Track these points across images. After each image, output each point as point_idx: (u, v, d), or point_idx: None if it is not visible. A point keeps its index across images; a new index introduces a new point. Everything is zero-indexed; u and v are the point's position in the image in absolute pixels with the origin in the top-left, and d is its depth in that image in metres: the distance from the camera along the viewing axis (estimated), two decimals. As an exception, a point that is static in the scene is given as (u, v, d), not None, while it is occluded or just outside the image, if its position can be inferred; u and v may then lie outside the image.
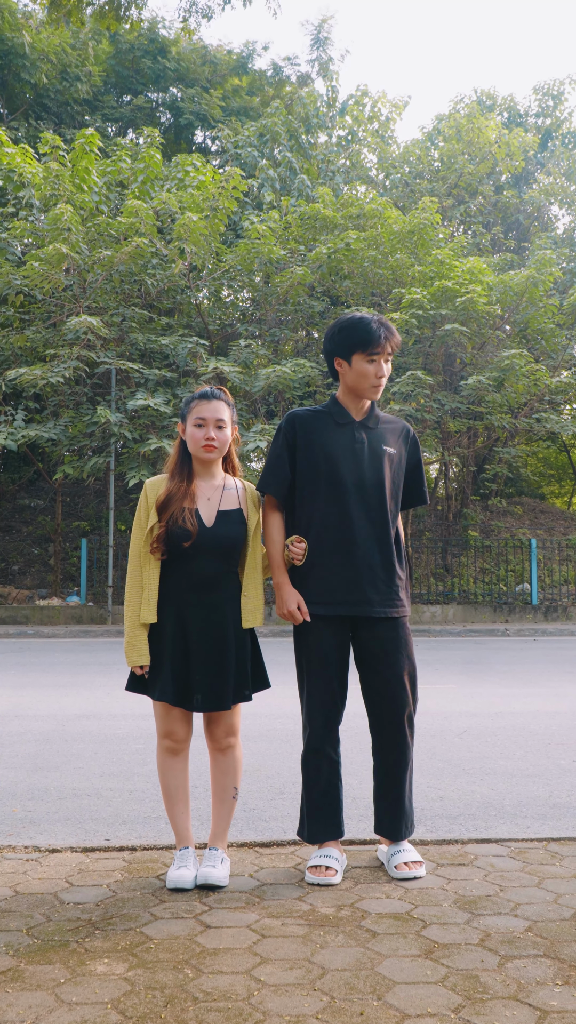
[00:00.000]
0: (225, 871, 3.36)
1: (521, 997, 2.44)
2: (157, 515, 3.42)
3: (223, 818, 3.51)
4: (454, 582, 19.95)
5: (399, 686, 3.53)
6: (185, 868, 3.35)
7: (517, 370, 17.72)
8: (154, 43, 27.32)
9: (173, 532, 3.38)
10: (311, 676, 3.55)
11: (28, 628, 15.99)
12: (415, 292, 17.48)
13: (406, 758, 3.55)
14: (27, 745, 6.14)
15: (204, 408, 3.49)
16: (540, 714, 7.41)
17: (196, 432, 3.48)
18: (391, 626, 3.58)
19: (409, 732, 3.55)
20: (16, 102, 25.06)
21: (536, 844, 3.84)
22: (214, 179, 18.58)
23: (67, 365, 15.77)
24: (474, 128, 25.45)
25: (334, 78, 28.33)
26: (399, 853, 3.47)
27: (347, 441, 3.59)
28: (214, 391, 3.53)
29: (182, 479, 3.50)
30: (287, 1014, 2.34)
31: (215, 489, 3.54)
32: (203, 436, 3.47)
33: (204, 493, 3.51)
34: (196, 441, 3.48)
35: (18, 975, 2.58)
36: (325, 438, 3.59)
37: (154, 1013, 2.34)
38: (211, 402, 3.50)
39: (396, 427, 3.71)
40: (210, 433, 3.47)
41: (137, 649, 3.42)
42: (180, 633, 3.42)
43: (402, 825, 3.54)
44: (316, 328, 20.45)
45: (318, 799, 3.54)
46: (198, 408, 3.49)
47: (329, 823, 3.54)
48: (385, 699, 3.53)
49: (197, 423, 3.48)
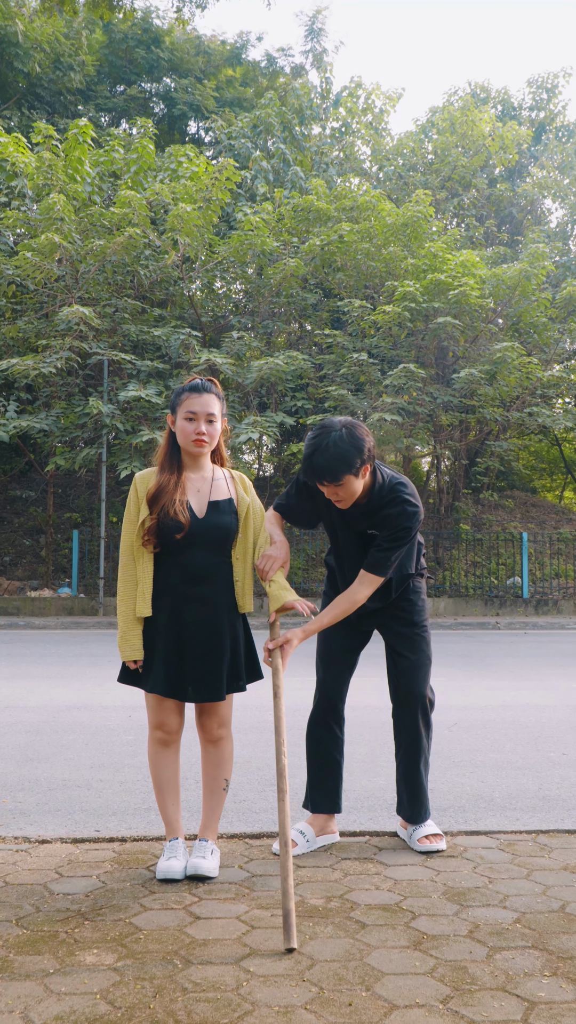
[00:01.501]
0: (215, 862, 3.36)
1: (509, 988, 2.45)
2: (148, 508, 3.39)
3: (213, 809, 3.50)
4: (445, 575, 19.97)
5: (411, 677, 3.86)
6: (175, 859, 3.35)
7: (509, 363, 17.73)
8: (148, 33, 27.20)
9: (165, 524, 3.36)
10: (324, 655, 3.87)
11: (19, 619, 15.97)
12: (408, 285, 17.46)
13: (421, 746, 3.82)
14: (17, 736, 6.14)
15: (195, 402, 3.44)
16: (530, 707, 7.43)
17: (187, 426, 3.44)
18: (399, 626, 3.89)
19: (425, 724, 3.86)
20: (9, 91, 24.93)
21: (525, 836, 3.86)
22: (207, 170, 18.52)
23: (59, 356, 15.72)
24: (468, 121, 25.41)
25: (328, 69, 28.25)
26: (420, 827, 3.71)
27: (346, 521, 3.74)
28: (205, 384, 3.47)
29: (172, 471, 3.47)
30: (276, 1005, 2.34)
31: (204, 480, 3.51)
32: (194, 431, 3.43)
33: (194, 484, 3.49)
34: (187, 435, 3.44)
35: (7, 965, 2.58)
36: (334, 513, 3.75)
37: (143, 1003, 2.34)
38: (202, 395, 3.44)
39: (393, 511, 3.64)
40: (201, 427, 3.42)
41: (131, 644, 3.41)
42: (174, 624, 3.41)
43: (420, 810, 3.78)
44: (309, 320, 20.44)
45: (316, 771, 3.82)
46: (188, 401, 3.45)
47: (325, 793, 3.80)
48: (400, 687, 3.86)
49: (188, 417, 3.44)
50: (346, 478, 3.43)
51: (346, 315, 18.88)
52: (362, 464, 3.45)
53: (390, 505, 3.60)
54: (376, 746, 5.80)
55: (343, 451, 3.39)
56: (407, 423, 17.53)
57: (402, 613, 3.83)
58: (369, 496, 3.62)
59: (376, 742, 5.91)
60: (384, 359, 18.71)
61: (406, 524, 3.59)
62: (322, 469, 3.42)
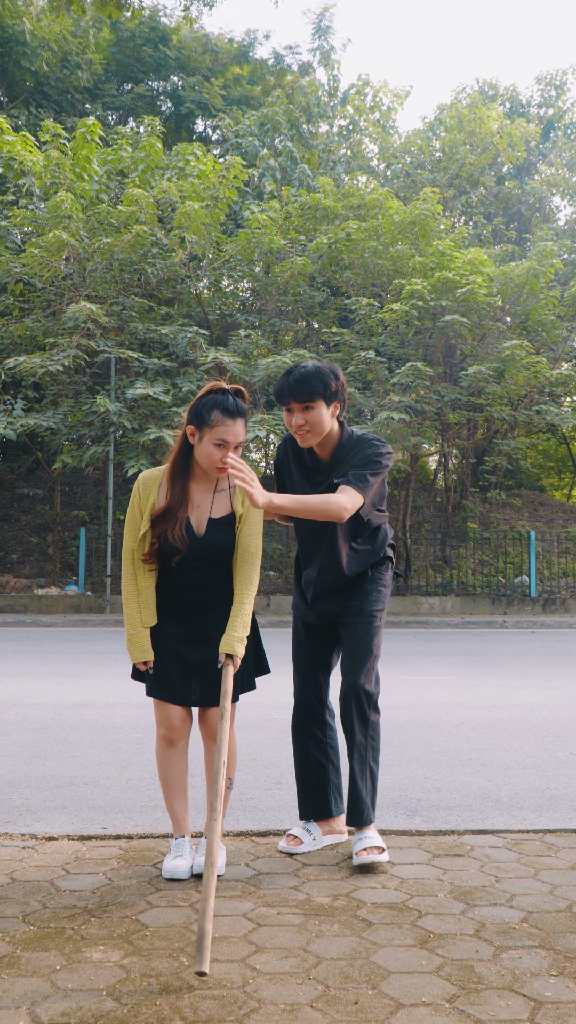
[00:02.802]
0: (221, 859, 3.33)
1: (516, 988, 2.45)
2: (151, 523, 3.34)
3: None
4: (453, 574, 19.96)
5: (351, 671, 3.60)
6: (181, 858, 3.33)
7: (517, 361, 17.69)
8: (155, 31, 27.21)
9: (162, 548, 3.34)
10: (297, 660, 3.80)
11: (26, 617, 16.00)
12: (415, 283, 17.44)
13: (353, 743, 3.55)
14: (25, 733, 6.15)
15: (228, 431, 3.27)
16: (537, 706, 7.42)
17: (214, 452, 3.29)
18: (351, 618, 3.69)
19: (360, 719, 3.56)
20: (17, 90, 24.97)
21: (532, 835, 3.85)
22: (215, 168, 18.52)
23: (66, 354, 15.74)
24: (476, 118, 25.37)
25: (335, 67, 28.23)
26: (360, 840, 3.46)
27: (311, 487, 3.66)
28: (239, 407, 3.31)
29: (182, 485, 3.37)
30: (282, 1002, 2.34)
31: (207, 493, 3.41)
32: (221, 458, 3.28)
33: (196, 498, 3.40)
34: (212, 460, 3.30)
35: (14, 961, 2.58)
36: (297, 477, 3.71)
37: (149, 1000, 2.34)
38: (236, 423, 3.29)
39: (359, 447, 3.61)
40: (228, 455, 3.28)
41: (139, 646, 3.38)
42: (178, 630, 3.40)
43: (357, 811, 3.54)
44: (316, 318, 20.43)
45: (303, 779, 3.74)
46: (222, 429, 3.27)
47: (314, 801, 3.71)
48: (342, 678, 3.62)
49: (217, 443, 3.28)
50: (318, 402, 3.45)
51: (353, 313, 18.86)
52: (335, 394, 3.49)
53: (357, 448, 3.57)
54: (382, 745, 5.79)
55: (319, 370, 3.47)
56: (414, 421, 17.51)
57: (356, 601, 3.65)
58: (336, 448, 3.59)
59: (382, 740, 5.90)
60: (391, 357, 18.70)
61: (378, 451, 3.53)
62: (296, 383, 3.44)
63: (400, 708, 7.14)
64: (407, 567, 19.30)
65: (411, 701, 7.57)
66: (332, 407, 3.51)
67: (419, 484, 23.32)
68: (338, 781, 3.76)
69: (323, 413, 3.48)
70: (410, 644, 12.61)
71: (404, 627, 15.79)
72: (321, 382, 3.44)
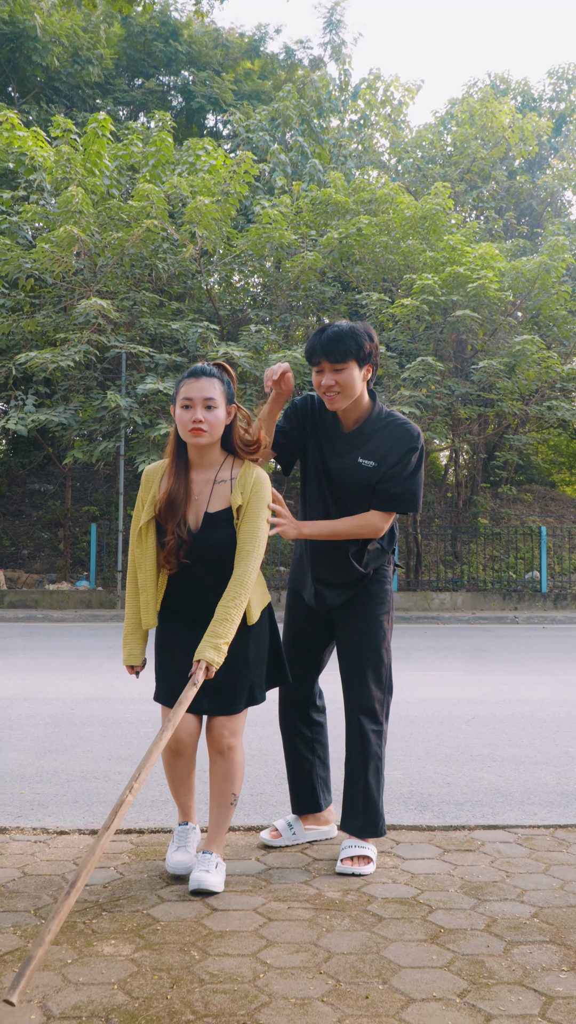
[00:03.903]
0: (219, 877, 3.11)
1: (527, 983, 2.44)
2: (162, 517, 3.17)
3: (220, 823, 3.22)
4: (463, 569, 19.93)
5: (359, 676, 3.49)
6: (184, 849, 3.24)
7: (528, 357, 17.63)
8: (166, 26, 27.17)
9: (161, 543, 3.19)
10: (285, 647, 3.67)
11: (38, 612, 16.05)
12: (426, 278, 17.39)
13: (367, 752, 3.44)
14: (36, 728, 6.17)
15: (191, 387, 3.12)
16: (548, 702, 7.41)
17: (183, 415, 3.13)
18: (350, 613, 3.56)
19: (374, 729, 3.46)
20: (28, 85, 24.98)
21: (543, 831, 3.84)
22: (225, 163, 18.50)
23: (77, 349, 15.75)
24: (487, 112, 25.27)
25: (347, 62, 28.13)
26: (348, 848, 3.38)
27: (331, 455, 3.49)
28: (205, 367, 3.17)
29: (180, 474, 3.19)
30: (293, 997, 2.35)
31: (206, 484, 3.21)
32: (190, 419, 3.11)
33: (194, 490, 3.20)
34: (184, 425, 3.13)
35: (25, 955, 2.59)
36: (322, 443, 3.52)
37: (160, 994, 2.35)
38: (199, 380, 3.13)
39: (391, 434, 3.42)
40: (198, 415, 3.10)
41: (128, 647, 3.27)
42: (186, 634, 3.19)
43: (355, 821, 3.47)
44: (327, 313, 20.38)
45: (292, 775, 3.72)
46: (185, 387, 3.14)
47: (304, 797, 3.69)
48: (346, 687, 3.53)
49: (184, 404, 3.13)
50: (350, 363, 3.29)
51: (364, 308, 18.82)
52: (368, 356, 3.35)
53: (388, 427, 3.40)
54: (392, 740, 5.79)
55: (353, 329, 3.33)
56: (425, 416, 17.49)
57: (359, 605, 3.50)
58: (365, 419, 3.42)
59: (392, 736, 5.90)
60: (402, 352, 18.66)
61: (410, 446, 3.36)
62: (329, 342, 3.29)
63: (411, 703, 7.14)
64: (418, 563, 19.28)
65: (422, 696, 7.57)
66: (364, 370, 3.35)
67: (430, 479, 23.28)
68: (325, 775, 3.73)
69: (355, 375, 3.32)
70: (421, 639, 12.60)
71: (415, 622, 15.78)
72: (355, 342, 3.30)
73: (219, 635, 3.00)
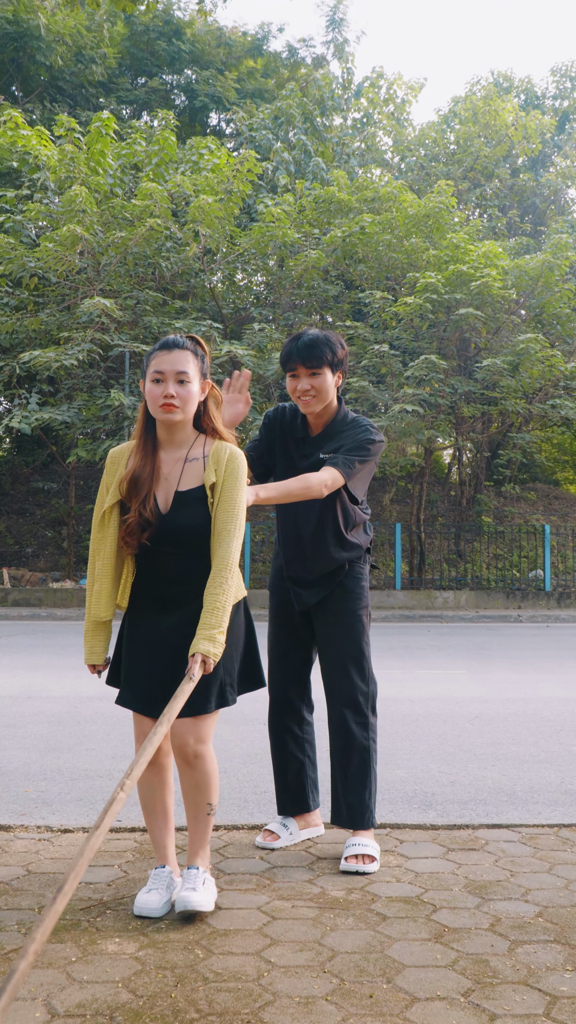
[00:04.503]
0: (207, 895, 2.87)
1: (531, 982, 2.44)
2: (127, 498, 2.93)
3: (200, 835, 2.97)
4: (467, 568, 19.93)
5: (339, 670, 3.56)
6: (156, 891, 2.92)
7: (532, 355, 17.63)
8: (169, 25, 27.19)
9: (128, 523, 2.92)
10: (274, 655, 3.72)
11: (41, 610, 16.06)
12: (430, 276, 17.39)
13: (351, 744, 3.49)
14: (40, 726, 6.17)
15: (163, 359, 2.90)
16: (552, 700, 7.40)
17: (154, 389, 2.89)
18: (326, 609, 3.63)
19: (359, 722, 3.51)
20: (31, 84, 25.00)
21: (547, 830, 3.84)
22: (228, 162, 18.51)
23: (81, 348, 15.77)
24: (490, 110, 25.26)
25: (349, 60, 28.15)
26: (353, 845, 3.40)
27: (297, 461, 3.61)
28: (178, 339, 2.94)
29: (147, 451, 2.95)
30: (297, 995, 2.35)
31: (177, 462, 2.96)
32: (161, 393, 2.87)
33: (164, 469, 2.96)
34: (154, 400, 2.88)
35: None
36: (284, 445, 3.65)
37: (164, 992, 2.35)
38: (171, 352, 2.91)
39: (352, 430, 3.56)
40: (169, 389, 2.87)
41: (88, 645, 2.99)
42: (150, 630, 2.95)
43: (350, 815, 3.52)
44: (330, 312, 20.40)
45: (281, 774, 3.71)
46: (156, 360, 2.91)
47: (293, 797, 3.69)
48: (326, 679, 3.59)
49: (154, 378, 2.90)
50: (324, 368, 3.45)
51: (367, 307, 18.83)
52: (340, 363, 3.51)
53: (351, 428, 3.55)
54: (396, 739, 5.80)
55: (327, 336, 3.50)
56: (428, 415, 17.48)
57: (336, 602, 3.56)
58: (331, 422, 3.57)
59: (396, 734, 5.90)
60: (405, 351, 18.66)
61: (370, 437, 3.49)
62: (305, 348, 3.45)
63: (414, 702, 7.14)
64: (421, 561, 19.27)
65: (425, 695, 7.56)
66: (336, 376, 3.52)
67: (433, 478, 23.27)
68: (314, 775, 3.75)
69: (329, 380, 3.48)
70: (424, 638, 12.60)
71: (418, 621, 15.77)
72: (329, 349, 3.46)
73: (212, 625, 2.76)
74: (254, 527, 19.07)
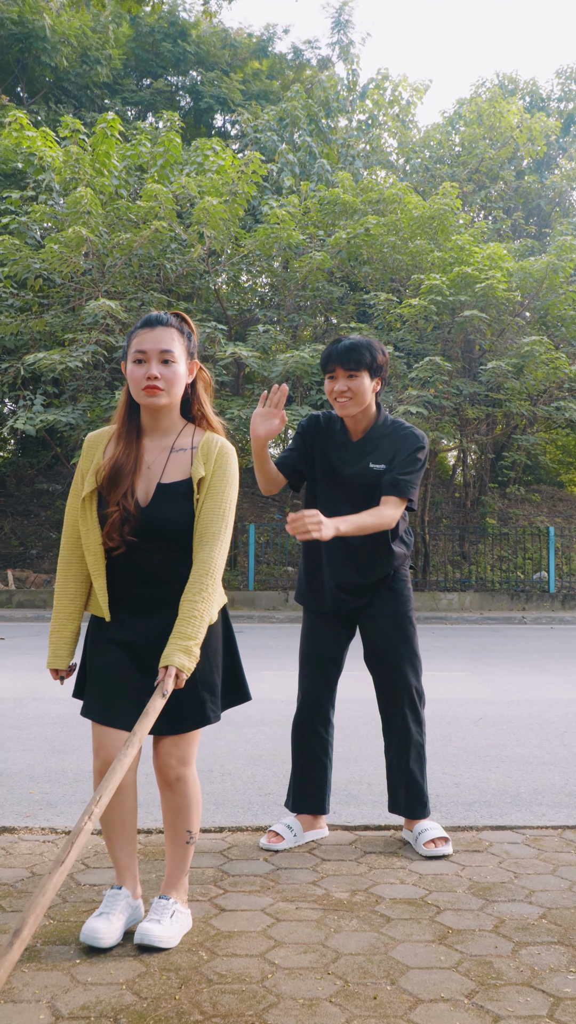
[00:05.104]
0: (173, 929, 2.63)
1: (535, 984, 2.44)
2: (106, 491, 2.66)
3: (177, 864, 2.78)
4: (471, 569, 19.91)
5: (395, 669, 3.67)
6: (105, 916, 2.63)
7: (536, 357, 17.60)
8: (174, 26, 27.21)
9: (102, 515, 2.68)
10: (307, 654, 3.77)
11: (46, 612, 16.07)
12: (434, 278, 17.38)
13: (409, 741, 3.66)
14: (44, 728, 6.18)
15: (145, 338, 2.64)
16: (556, 702, 7.39)
17: (136, 370, 2.65)
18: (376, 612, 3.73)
19: (415, 719, 3.69)
20: (36, 85, 25.03)
21: (551, 832, 3.84)
22: (233, 163, 18.51)
23: (85, 349, 15.78)
24: (496, 112, 25.25)
25: (355, 61, 28.14)
26: (425, 831, 3.57)
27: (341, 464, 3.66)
28: (161, 315, 2.69)
29: (130, 439, 2.71)
30: (301, 997, 2.35)
31: (161, 451, 2.71)
32: (144, 375, 2.63)
33: (147, 458, 2.70)
34: (136, 382, 2.64)
35: (34, 955, 2.60)
36: (331, 454, 3.69)
37: (168, 994, 2.35)
38: (154, 330, 2.65)
39: (399, 437, 3.61)
40: (153, 370, 2.62)
41: (51, 647, 2.80)
42: (124, 632, 2.71)
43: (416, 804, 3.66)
44: (335, 313, 20.38)
45: (301, 772, 3.75)
46: (138, 338, 2.66)
47: (312, 797, 3.73)
48: (388, 682, 3.69)
49: (136, 358, 2.65)
50: (363, 372, 3.51)
51: (372, 308, 18.82)
52: (379, 368, 3.57)
53: (395, 432, 3.61)
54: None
55: (369, 341, 3.57)
56: (433, 416, 17.47)
57: (386, 605, 3.68)
58: (372, 427, 3.63)
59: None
60: (410, 352, 18.65)
61: (417, 445, 3.57)
62: (345, 350, 3.51)
63: (418, 704, 7.13)
64: (425, 563, 19.27)
65: (429, 696, 7.51)
66: (375, 381, 3.57)
67: (437, 479, 23.26)
68: (331, 778, 3.82)
69: (366, 384, 3.53)
70: (428, 640, 12.59)
71: (422, 622, 15.77)
72: (369, 353, 3.52)
73: (188, 635, 2.51)
74: (258, 528, 19.07)
